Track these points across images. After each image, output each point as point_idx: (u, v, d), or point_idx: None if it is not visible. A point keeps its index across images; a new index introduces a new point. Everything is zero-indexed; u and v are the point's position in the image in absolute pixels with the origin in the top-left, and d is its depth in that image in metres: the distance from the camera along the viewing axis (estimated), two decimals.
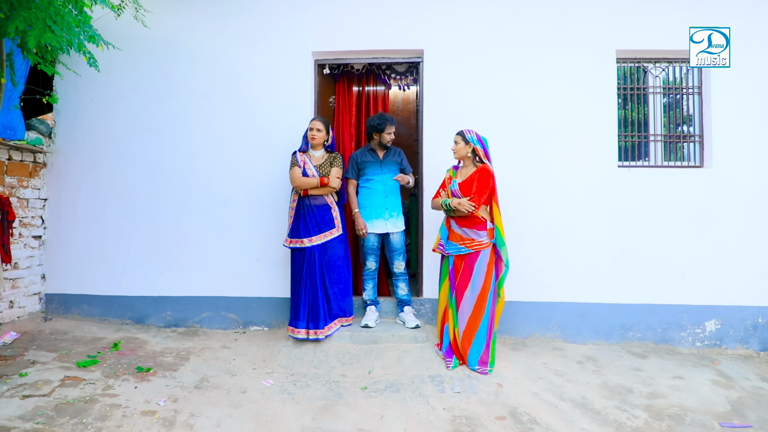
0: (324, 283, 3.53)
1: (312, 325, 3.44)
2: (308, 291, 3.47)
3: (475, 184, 3.24)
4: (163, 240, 4.04)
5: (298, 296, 3.48)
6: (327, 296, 3.55)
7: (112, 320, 4.07)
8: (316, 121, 3.59)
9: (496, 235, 3.27)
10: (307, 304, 3.45)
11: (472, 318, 3.27)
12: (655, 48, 3.90)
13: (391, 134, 3.73)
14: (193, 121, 4.07)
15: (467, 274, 3.29)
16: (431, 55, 3.97)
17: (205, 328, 4.00)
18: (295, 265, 3.54)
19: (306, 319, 3.44)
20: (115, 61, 4.05)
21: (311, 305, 3.46)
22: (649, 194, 3.87)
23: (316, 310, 3.45)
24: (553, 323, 3.87)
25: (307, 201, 3.53)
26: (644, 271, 3.85)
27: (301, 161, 3.55)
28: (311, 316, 3.45)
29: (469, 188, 3.27)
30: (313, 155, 3.62)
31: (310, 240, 3.50)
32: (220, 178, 4.03)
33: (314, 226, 3.52)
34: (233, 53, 4.06)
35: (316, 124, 3.57)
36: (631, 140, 4.06)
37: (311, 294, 3.47)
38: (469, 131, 3.33)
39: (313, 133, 3.56)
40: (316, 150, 3.65)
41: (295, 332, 3.44)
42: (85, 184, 4.10)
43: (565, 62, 3.92)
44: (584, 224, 3.88)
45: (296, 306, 3.48)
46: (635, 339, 3.85)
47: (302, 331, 3.43)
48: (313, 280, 3.48)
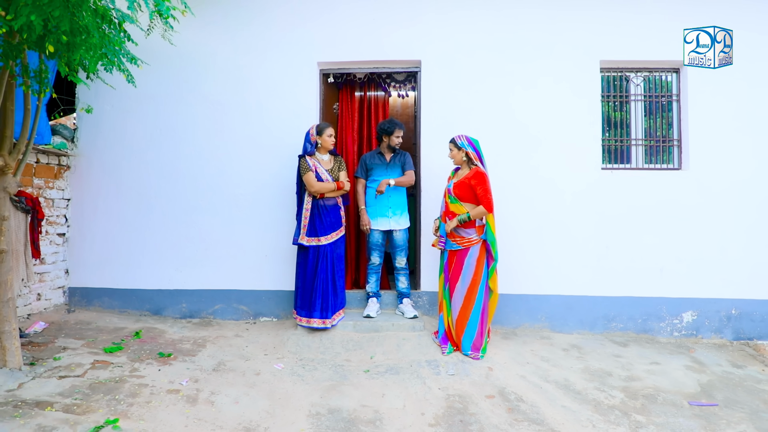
0: (334, 277, 3.84)
1: (323, 314, 3.74)
2: (322, 284, 3.75)
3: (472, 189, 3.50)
4: (178, 237, 4.33)
5: (313, 289, 3.75)
6: (335, 288, 3.85)
7: (131, 312, 4.36)
8: (330, 128, 3.87)
9: (487, 230, 3.56)
10: (321, 296, 3.75)
11: (464, 307, 3.57)
12: (637, 58, 4.20)
13: (400, 137, 4.03)
14: (205, 126, 4.36)
15: (458, 268, 3.58)
16: (428, 65, 4.27)
17: (218, 319, 4.30)
18: (308, 261, 3.80)
19: (320, 310, 3.74)
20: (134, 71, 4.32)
21: (323, 297, 3.76)
22: (631, 195, 4.17)
23: (326, 301, 3.76)
24: (541, 314, 4.17)
25: (321, 202, 3.81)
26: (626, 266, 4.15)
27: (313, 165, 3.82)
28: (323, 306, 3.75)
29: (463, 189, 3.56)
30: (322, 159, 3.90)
31: (326, 238, 3.79)
32: (231, 179, 4.32)
33: (329, 226, 3.82)
34: (243, 63, 4.35)
35: (331, 131, 3.86)
36: (615, 144, 4.36)
37: (323, 287, 3.76)
38: (459, 137, 3.63)
39: (331, 139, 3.86)
40: (324, 154, 3.93)
41: (310, 322, 3.73)
42: (105, 185, 4.40)
43: (552, 73, 4.21)
44: (571, 222, 4.17)
45: (311, 298, 3.76)
46: (617, 329, 4.15)
47: (317, 320, 3.72)
48: (326, 274, 3.78)
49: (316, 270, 3.78)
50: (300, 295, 3.82)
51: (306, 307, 3.79)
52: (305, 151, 3.88)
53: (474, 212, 3.49)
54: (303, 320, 3.77)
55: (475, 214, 3.48)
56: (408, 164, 4.09)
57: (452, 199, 3.62)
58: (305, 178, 3.78)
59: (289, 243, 4.18)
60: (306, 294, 3.80)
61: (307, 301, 3.79)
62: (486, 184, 3.49)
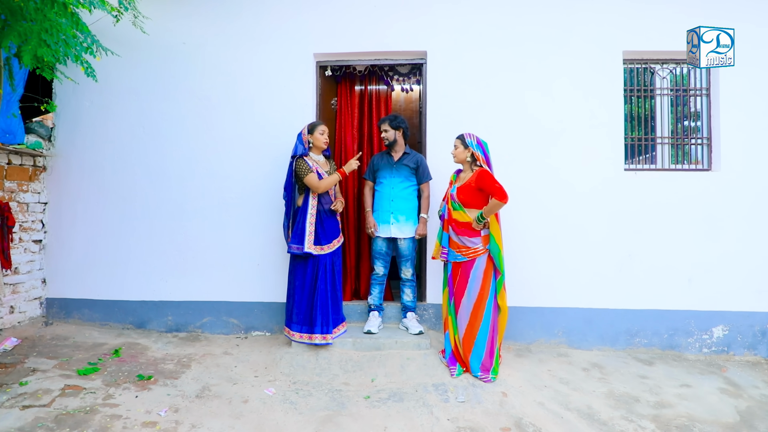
0: (334, 288, 3.54)
1: (324, 329, 3.42)
2: (322, 297, 3.44)
3: (477, 189, 3.17)
4: (164, 244, 4.00)
5: (313, 303, 3.44)
6: (336, 301, 3.55)
7: (113, 325, 4.04)
8: (323, 125, 3.56)
9: (491, 241, 3.21)
10: (321, 310, 3.43)
11: (470, 324, 3.23)
12: (663, 49, 3.82)
13: (386, 131, 3.66)
14: (193, 123, 4.02)
15: (464, 281, 3.24)
16: (434, 57, 3.91)
17: (207, 333, 3.97)
18: (307, 271, 3.48)
19: (321, 324, 3.42)
20: (114, 64, 3.99)
21: (323, 311, 3.44)
22: (656, 198, 3.81)
23: (326, 315, 3.44)
24: (558, 329, 3.83)
25: (321, 208, 3.51)
26: (651, 276, 3.80)
27: (314, 166, 3.50)
28: (323, 321, 3.43)
29: (467, 194, 3.21)
30: (318, 160, 3.58)
31: (328, 247, 3.49)
32: (220, 182, 3.99)
33: (331, 233, 3.53)
34: (233, 55, 4.00)
35: (323, 128, 3.56)
36: (638, 143, 4.00)
37: (323, 300, 3.45)
38: (469, 135, 3.28)
39: (324, 137, 3.54)
40: (318, 154, 3.60)
41: (312, 338, 3.41)
42: (85, 188, 4.07)
43: (570, 63, 3.85)
44: (590, 228, 3.82)
45: (311, 313, 3.44)
46: (641, 345, 3.80)
47: (318, 336, 3.41)
48: (326, 286, 3.47)
49: (315, 282, 3.46)
50: (296, 309, 3.49)
51: (306, 323, 3.47)
52: (297, 153, 3.52)
53: (488, 208, 3.14)
54: (304, 336, 3.45)
55: (489, 209, 3.14)
56: (424, 173, 3.69)
57: (455, 206, 3.27)
58: (308, 180, 3.44)
59: (283, 251, 3.85)
60: (305, 308, 3.47)
61: (307, 316, 3.47)
62: (492, 177, 3.14)
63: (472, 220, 3.20)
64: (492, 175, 3.15)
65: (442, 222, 3.40)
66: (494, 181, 3.12)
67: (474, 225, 3.19)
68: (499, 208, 3.12)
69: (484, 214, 3.14)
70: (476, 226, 3.19)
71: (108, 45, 3.93)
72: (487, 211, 3.14)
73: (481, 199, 3.20)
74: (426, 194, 3.71)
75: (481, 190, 3.17)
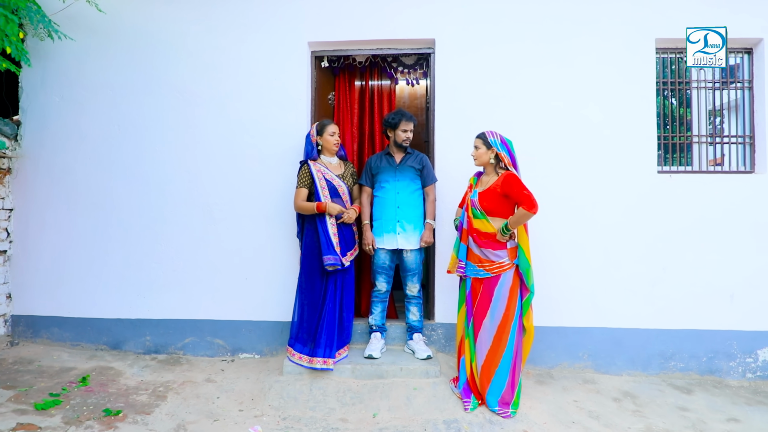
0: (342, 307, 3.15)
1: (326, 352, 3.03)
2: (329, 316, 3.07)
3: (502, 195, 2.75)
4: (142, 255, 3.59)
5: (320, 322, 3.06)
6: (341, 321, 3.16)
7: (85, 346, 3.63)
8: (333, 125, 3.21)
9: (520, 255, 2.80)
10: (326, 331, 3.05)
11: (492, 351, 2.80)
12: None
13: (408, 132, 3.25)
14: (174, 121, 3.61)
15: (486, 300, 2.82)
16: (444, 45, 3.48)
17: (189, 355, 3.56)
18: (315, 286, 3.10)
19: (324, 346, 3.03)
20: (87, 54, 3.62)
21: (328, 331, 3.05)
22: (693, 204, 3.39)
23: (331, 336, 3.06)
24: (583, 351, 3.40)
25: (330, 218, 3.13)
26: (688, 293, 3.37)
27: (320, 174, 3.10)
28: (327, 342, 3.04)
29: (491, 200, 2.79)
30: (330, 163, 3.19)
31: (345, 259, 3.11)
32: (203, 186, 3.57)
33: (347, 245, 3.16)
34: (219, 44, 3.59)
35: (334, 128, 3.19)
36: (672, 142, 3.57)
37: (330, 319, 3.07)
38: (492, 133, 2.85)
39: (335, 138, 3.17)
40: (331, 156, 3.22)
41: (312, 362, 3.01)
42: (54, 193, 3.66)
43: (598, 54, 3.43)
44: (620, 239, 3.40)
45: (316, 332, 3.06)
46: (677, 369, 3.38)
47: (319, 360, 3.01)
48: (334, 304, 3.10)
49: (324, 298, 3.08)
50: (304, 327, 3.11)
51: (308, 342, 3.09)
52: (307, 156, 3.16)
53: (514, 219, 2.72)
54: (303, 359, 3.05)
55: (515, 220, 2.72)
56: (429, 175, 3.30)
57: (477, 214, 2.85)
58: (295, 193, 3.10)
59: (274, 262, 3.45)
60: (311, 326, 3.10)
61: (311, 335, 3.09)
62: (520, 182, 2.72)
63: (496, 230, 2.78)
64: (520, 181, 2.73)
65: (459, 232, 2.97)
66: (523, 188, 2.69)
67: (498, 237, 2.77)
68: (527, 219, 2.70)
69: (510, 225, 2.72)
70: (501, 238, 2.77)
71: (80, 32, 3.58)
72: (513, 222, 2.72)
73: (507, 206, 2.78)
74: (431, 198, 3.30)
75: (507, 196, 2.75)
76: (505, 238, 2.76)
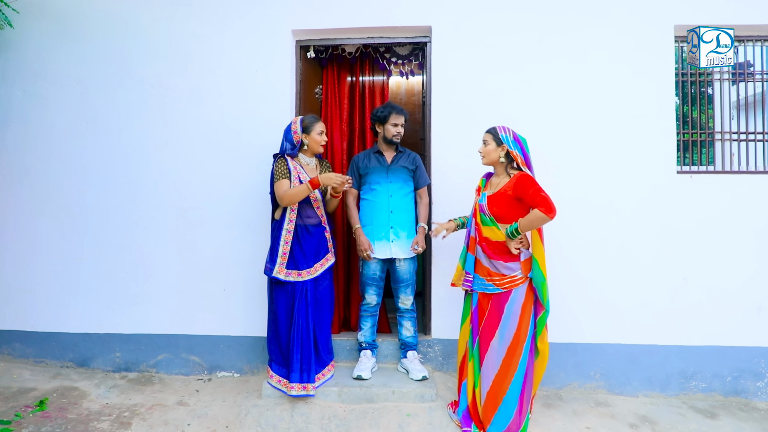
0: (315, 324, 2.81)
1: (303, 376, 2.70)
2: (300, 334, 2.73)
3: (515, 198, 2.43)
4: (111, 264, 3.28)
5: (290, 341, 2.72)
6: (316, 340, 2.82)
7: (49, 362, 3.32)
8: (321, 123, 2.85)
9: (534, 267, 2.47)
10: (300, 351, 2.71)
11: (500, 376, 2.48)
12: (727, 22, 3.07)
13: (398, 127, 2.94)
14: (149, 117, 3.31)
15: (494, 319, 2.50)
16: (441, 33, 3.17)
17: (162, 373, 3.25)
18: (280, 301, 2.78)
19: (300, 370, 2.70)
20: (53, 44, 3.33)
21: (302, 352, 2.72)
22: (716, 207, 3.08)
23: (307, 358, 2.72)
24: (594, 370, 3.09)
25: (300, 221, 2.78)
26: (710, 305, 3.06)
27: (295, 170, 2.75)
28: (303, 366, 2.71)
29: (502, 204, 2.47)
30: (308, 165, 2.86)
31: (307, 272, 2.77)
32: (179, 188, 3.27)
33: (311, 255, 2.79)
34: (195, 32, 3.28)
35: (322, 127, 2.85)
36: (692, 139, 3.25)
37: (302, 338, 2.73)
38: (503, 129, 2.52)
39: (323, 138, 2.83)
40: (310, 157, 2.89)
41: (289, 388, 2.68)
42: (15, 196, 3.35)
43: (609, 41, 3.12)
44: (634, 246, 3.08)
45: (288, 353, 2.74)
46: (698, 390, 3.06)
47: (296, 385, 2.68)
48: (306, 320, 2.75)
49: (292, 314, 2.74)
50: (276, 347, 2.80)
51: (283, 363, 2.77)
52: (283, 152, 2.81)
53: (525, 222, 2.38)
54: (282, 382, 2.75)
55: (527, 224, 2.38)
56: (422, 176, 3.02)
57: (486, 220, 2.53)
58: (277, 186, 2.73)
59: (255, 272, 3.13)
60: (281, 346, 2.78)
61: (285, 355, 2.77)
62: (535, 183, 2.39)
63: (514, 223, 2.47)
64: (535, 181, 2.40)
65: (466, 241, 2.66)
66: (539, 189, 2.36)
67: (508, 244, 2.45)
68: (541, 224, 2.38)
69: (520, 228, 2.39)
70: (510, 245, 2.45)
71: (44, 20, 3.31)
72: (524, 225, 2.38)
73: (520, 211, 2.46)
74: (425, 201, 3.02)
75: (520, 200, 2.43)
76: (514, 245, 2.44)
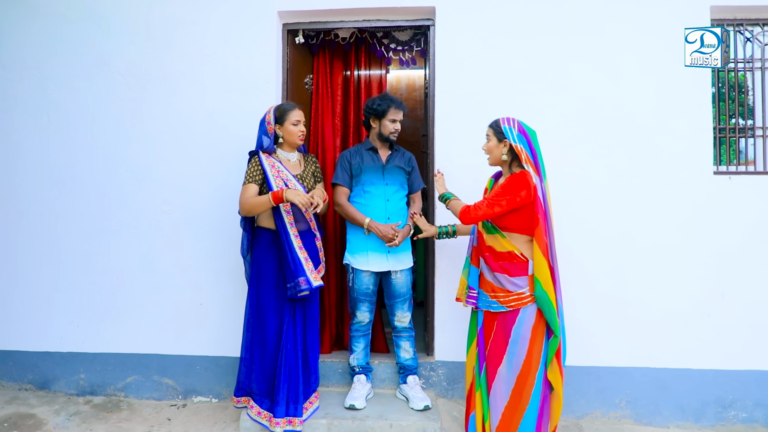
0: (304, 345, 2.45)
1: (290, 409, 2.33)
2: (287, 359, 2.37)
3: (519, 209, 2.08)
4: (74, 274, 2.93)
5: (278, 369, 2.36)
6: (307, 364, 2.45)
7: (6, 385, 2.98)
8: (297, 110, 2.45)
9: (536, 286, 2.07)
10: (287, 379, 2.35)
11: (510, 409, 2.11)
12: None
13: (396, 123, 2.59)
14: (116, 109, 2.95)
15: (501, 342, 2.13)
16: (446, 16, 2.81)
17: (132, 397, 2.90)
18: (270, 322, 2.40)
19: (286, 402, 2.33)
20: (9, 29, 2.98)
21: (290, 380, 2.36)
22: (758, 213, 2.71)
23: (294, 386, 2.36)
24: (619, 397, 2.73)
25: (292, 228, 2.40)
26: (752, 324, 2.69)
27: (274, 170, 2.38)
28: (291, 396, 2.35)
29: None
30: (289, 160, 2.48)
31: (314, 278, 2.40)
32: (150, 189, 2.91)
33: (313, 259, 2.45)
34: (170, 14, 2.92)
35: (299, 115, 2.44)
36: (731, 136, 2.88)
37: (290, 363, 2.37)
38: (508, 120, 2.15)
39: (299, 128, 2.43)
40: (290, 151, 2.51)
41: (273, 424, 2.30)
42: None
43: (636, 25, 2.75)
44: (665, 257, 2.72)
45: (273, 381, 2.38)
46: (738, 420, 2.70)
47: (282, 421, 2.30)
48: (295, 343, 2.40)
49: (281, 336, 2.38)
50: (255, 371, 2.41)
51: (267, 393, 2.40)
52: (260, 147, 2.44)
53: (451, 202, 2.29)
54: (264, 415, 2.37)
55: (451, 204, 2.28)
56: (417, 179, 2.71)
57: (489, 228, 2.16)
58: (242, 191, 2.37)
59: (236, 285, 2.79)
60: (266, 376, 2.40)
61: (269, 384, 2.40)
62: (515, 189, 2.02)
63: (514, 248, 2.09)
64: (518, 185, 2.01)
65: (469, 252, 2.29)
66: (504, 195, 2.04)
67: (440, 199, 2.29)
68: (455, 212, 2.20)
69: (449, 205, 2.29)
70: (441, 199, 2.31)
71: None
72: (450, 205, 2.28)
73: (525, 218, 2.08)
74: (418, 205, 2.70)
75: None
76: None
